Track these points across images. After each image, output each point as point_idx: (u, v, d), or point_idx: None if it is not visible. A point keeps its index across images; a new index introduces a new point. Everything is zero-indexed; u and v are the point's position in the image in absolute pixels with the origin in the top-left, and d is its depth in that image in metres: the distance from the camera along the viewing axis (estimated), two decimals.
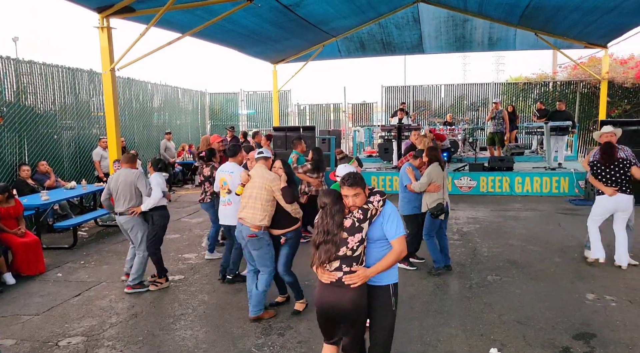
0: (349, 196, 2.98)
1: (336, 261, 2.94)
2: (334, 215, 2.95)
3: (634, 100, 16.45)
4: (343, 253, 2.93)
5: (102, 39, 8.44)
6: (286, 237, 4.78)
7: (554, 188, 10.73)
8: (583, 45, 13.32)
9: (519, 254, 6.62)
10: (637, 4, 8.93)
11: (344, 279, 2.92)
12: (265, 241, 4.69)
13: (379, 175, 11.83)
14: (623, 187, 5.88)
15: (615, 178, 5.89)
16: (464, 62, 77.91)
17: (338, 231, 2.92)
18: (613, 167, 5.90)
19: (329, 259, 2.92)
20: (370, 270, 2.96)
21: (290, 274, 4.87)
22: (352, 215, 2.98)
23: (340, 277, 2.93)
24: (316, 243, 2.97)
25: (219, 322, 4.79)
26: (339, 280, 2.93)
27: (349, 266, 2.93)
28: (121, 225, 5.68)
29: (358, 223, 2.95)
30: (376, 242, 3.04)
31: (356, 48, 15.57)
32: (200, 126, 18.23)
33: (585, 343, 4.10)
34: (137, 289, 5.62)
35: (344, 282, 2.92)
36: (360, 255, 2.96)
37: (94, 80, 11.18)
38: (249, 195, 4.69)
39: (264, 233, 4.67)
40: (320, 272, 2.98)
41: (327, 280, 2.96)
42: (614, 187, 5.89)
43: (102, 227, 9.03)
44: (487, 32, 13.93)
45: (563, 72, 19.81)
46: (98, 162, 10.35)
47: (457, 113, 18.25)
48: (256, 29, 11.12)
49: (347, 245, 2.93)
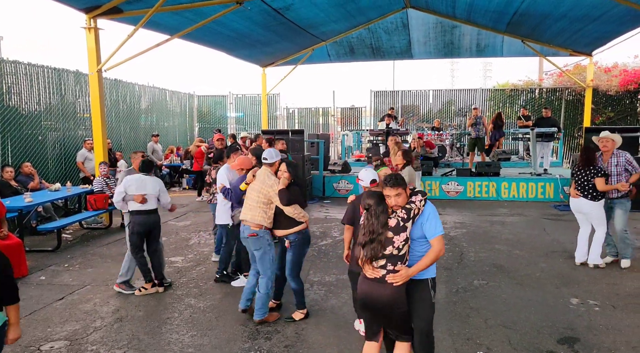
0: (391, 196, 3.11)
1: (382, 259, 3.08)
2: (379, 215, 3.09)
3: (618, 108, 16.71)
4: (389, 252, 3.07)
5: (89, 39, 8.37)
6: (289, 240, 4.70)
7: (540, 194, 10.85)
8: (568, 53, 13.52)
9: (505, 259, 6.68)
10: (621, 14, 9.09)
11: (387, 278, 3.07)
12: (266, 241, 4.67)
13: None
14: (585, 192, 6.06)
15: (581, 182, 6.08)
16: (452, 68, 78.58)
17: (383, 230, 3.07)
18: (585, 171, 6.08)
19: (375, 257, 3.08)
20: (412, 269, 3.12)
21: (296, 280, 4.77)
22: (396, 214, 3.11)
23: (384, 274, 3.09)
24: (362, 242, 3.10)
25: (205, 325, 4.75)
26: (382, 277, 3.09)
27: (393, 265, 3.08)
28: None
29: (402, 223, 3.09)
30: (416, 240, 3.19)
31: (345, 52, 15.63)
32: (188, 128, 18.15)
33: (569, 347, 4.14)
34: (121, 289, 5.63)
35: (386, 280, 3.07)
36: (405, 254, 3.12)
37: (80, 81, 11.07)
38: (248, 197, 4.75)
39: (264, 232, 4.66)
40: (367, 267, 3.13)
41: (372, 275, 3.11)
42: (578, 190, 6.11)
43: (87, 230, 8.92)
44: (475, 38, 14.08)
45: (549, 79, 20.07)
46: (82, 163, 10.21)
47: (444, 118, 18.37)
48: (245, 31, 11.11)
49: (393, 244, 3.07)
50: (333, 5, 10.57)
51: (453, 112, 18.87)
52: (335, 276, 6.05)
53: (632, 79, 15.58)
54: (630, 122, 16.37)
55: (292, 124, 20.06)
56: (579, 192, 6.12)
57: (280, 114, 19.89)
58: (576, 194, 6.15)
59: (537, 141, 12.06)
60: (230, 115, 19.91)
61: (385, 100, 19.31)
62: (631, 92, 16.12)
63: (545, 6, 9.66)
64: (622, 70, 16.30)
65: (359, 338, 4.38)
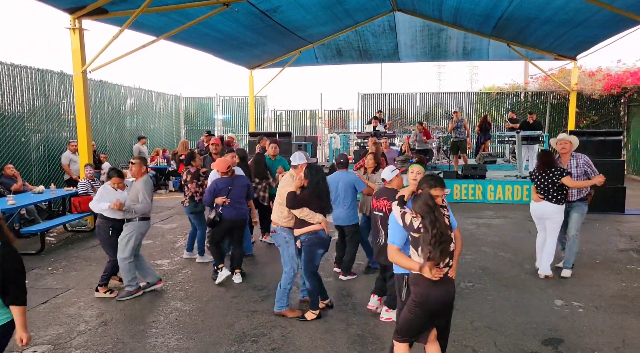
0: (439, 196, 3.25)
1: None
2: (442, 216, 3.19)
3: (602, 112, 16.98)
4: (452, 249, 3.20)
5: (73, 40, 8.28)
6: (300, 240, 4.81)
7: (525, 197, 10.94)
8: (553, 57, 13.69)
9: (491, 261, 6.72)
10: (605, 18, 9.22)
11: (450, 273, 3.20)
12: (283, 238, 4.92)
13: None
14: (549, 196, 5.87)
15: (545, 185, 5.88)
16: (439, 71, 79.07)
17: (449, 230, 3.20)
18: (545, 174, 5.88)
19: (451, 257, 3.19)
20: (455, 262, 3.28)
21: (310, 280, 4.85)
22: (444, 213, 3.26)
23: (446, 271, 3.18)
24: (435, 245, 3.08)
25: (191, 329, 4.71)
26: (445, 274, 3.17)
27: (451, 260, 3.21)
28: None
29: (450, 220, 3.28)
30: None
31: (333, 55, 15.66)
32: (174, 130, 18.03)
33: (554, 348, 4.18)
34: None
35: (449, 277, 3.20)
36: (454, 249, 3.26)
37: (64, 82, 10.94)
38: (276, 198, 5.07)
39: (281, 230, 4.92)
40: (435, 271, 3.12)
41: (438, 277, 3.13)
42: (540, 194, 5.95)
43: (72, 233, 8.81)
44: (462, 42, 14.20)
45: (534, 82, 20.33)
46: (67, 165, 10.08)
47: (431, 121, 18.49)
48: (233, 33, 11.08)
49: (453, 241, 3.21)
50: (320, 7, 10.59)
51: (440, 115, 19.01)
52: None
53: (616, 83, 15.84)
54: (613, 125, 16.64)
55: (280, 126, 20.04)
56: (541, 196, 5.95)
57: (267, 116, 19.87)
58: (539, 198, 5.96)
59: (523, 144, 12.19)
60: (217, 118, 19.83)
61: (372, 103, 19.38)
62: (614, 96, 16.39)
63: (530, 10, 9.77)
64: (606, 74, 16.57)
65: (346, 341, 4.38)
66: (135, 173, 5.58)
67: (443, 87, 71.41)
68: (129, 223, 5.50)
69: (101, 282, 5.63)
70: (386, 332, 4.52)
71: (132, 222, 5.48)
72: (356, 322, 4.79)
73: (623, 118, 16.57)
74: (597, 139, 10.00)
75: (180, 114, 18.92)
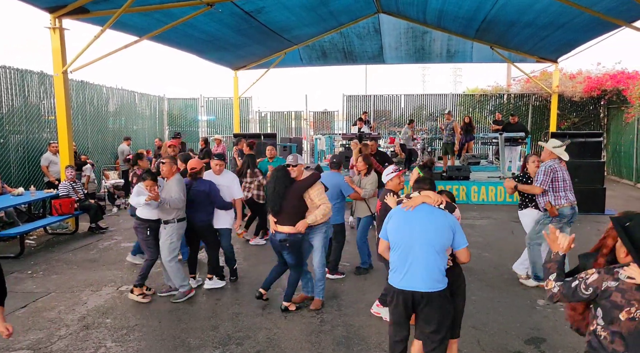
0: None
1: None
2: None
3: (582, 114, 17.26)
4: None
5: (54, 40, 8.16)
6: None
7: (508, 198, 11.05)
8: (535, 59, 13.88)
9: (475, 261, 6.77)
10: (585, 22, 9.38)
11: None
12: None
13: None
14: (521, 203, 6.07)
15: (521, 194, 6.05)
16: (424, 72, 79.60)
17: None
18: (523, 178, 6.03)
19: None
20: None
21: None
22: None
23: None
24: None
25: (175, 332, 4.66)
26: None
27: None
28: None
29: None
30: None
31: (318, 56, 15.66)
32: (158, 132, 17.83)
33: (536, 347, 4.23)
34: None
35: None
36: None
37: (44, 82, 10.75)
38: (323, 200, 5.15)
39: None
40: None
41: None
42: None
43: (52, 235, 8.66)
44: (446, 44, 14.32)
45: (517, 85, 20.58)
46: (46, 167, 9.88)
47: (416, 123, 18.57)
48: (217, 34, 11.01)
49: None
50: (305, 9, 10.58)
51: (424, 116, 19.13)
52: None
53: (596, 86, 16.11)
54: (593, 127, 16.92)
55: (265, 127, 19.97)
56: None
57: (252, 118, 19.79)
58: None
59: (506, 145, 12.32)
60: (201, 119, 19.68)
61: (357, 105, 19.42)
62: (594, 98, 16.67)
63: (512, 13, 9.90)
64: (586, 77, 16.83)
65: (331, 343, 4.37)
66: (167, 173, 5.44)
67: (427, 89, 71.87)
68: (167, 225, 5.38)
69: (137, 282, 5.50)
70: (372, 334, 4.53)
71: (171, 224, 5.37)
72: (341, 324, 4.79)
73: (603, 120, 16.86)
74: (578, 141, 10.15)
75: (163, 115, 18.73)
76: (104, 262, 7.03)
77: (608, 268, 2.31)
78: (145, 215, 5.47)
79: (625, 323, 2.22)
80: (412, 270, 3.16)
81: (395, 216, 3.33)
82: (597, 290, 2.27)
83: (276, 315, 5.02)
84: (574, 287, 2.34)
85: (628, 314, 2.21)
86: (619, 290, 2.21)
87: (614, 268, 2.30)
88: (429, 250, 3.15)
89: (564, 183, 5.57)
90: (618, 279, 2.23)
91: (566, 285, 2.38)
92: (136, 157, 6.93)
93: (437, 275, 3.17)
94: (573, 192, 5.68)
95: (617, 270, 2.27)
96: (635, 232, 2.23)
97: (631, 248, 2.21)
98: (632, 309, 2.21)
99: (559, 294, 2.40)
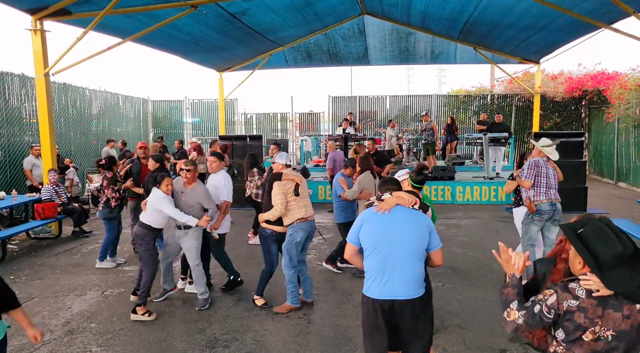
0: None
1: None
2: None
3: (564, 114, 17.52)
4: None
5: (35, 42, 8.05)
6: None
7: (492, 197, 11.18)
8: (518, 60, 14.07)
9: (460, 261, 6.84)
10: (566, 23, 9.53)
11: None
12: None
13: (325, 184, 11.90)
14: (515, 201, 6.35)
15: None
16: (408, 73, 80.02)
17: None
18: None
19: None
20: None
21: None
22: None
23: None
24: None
25: (161, 335, 4.62)
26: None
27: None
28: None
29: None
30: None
31: (303, 58, 15.68)
32: (142, 134, 17.67)
33: (520, 345, 4.28)
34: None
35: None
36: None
37: (26, 85, 10.59)
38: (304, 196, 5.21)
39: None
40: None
41: None
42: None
43: (35, 240, 8.53)
44: (430, 45, 14.43)
45: (500, 85, 20.83)
46: (29, 170, 9.74)
47: (401, 123, 18.70)
48: (201, 36, 10.96)
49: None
50: (290, 10, 10.58)
51: (409, 117, 19.25)
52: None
53: (577, 86, 16.37)
54: (575, 127, 17.19)
55: (250, 129, 19.92)
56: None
57: (238, 120, 19.71)
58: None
59: (490, 146, 12.45)
60: (186, 121, 19.56)
61: (343, 106, 19.47)
62: (576, 98, 16.94)
63: (495, 15, 10.02)
64: (568, 77, 17.10)
65: (319, 344, 4.38)
66: (191, 179, 5.23)
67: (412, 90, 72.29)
68: (189, 231, 5.15)
69: (140, 300, 5.08)
70: (359, 334, 4.54)
71: (194, 228, 5.15)
72: (329, 325, 4.80)
73: (584, 120, 17.14)
74: (560, 140, 10.29)
75: (148, 117, 18.57)
76: (88, 266, 6.95)
77: (563, 286, 2.11)
78: (159, 224, 5.16)
79: (590, 344, 2.05)
80: (393, 277, 2.95)
81: (369, 220, 3.07)
82: (558, 312, 2.08)
83: (263, 317, 5.01)
84: (537, 313, 2.11)
85: (593, 335, 2.04)
86: (581, 310, 2.03)
87: (568, 283, 2.11)
88: (410, 254, 2.97)
89: (546, 179, 5.63)
90: (578, 297, 2.05)
91: (529, 313, 2.13)
92: (110, 162, 6.84)
93: (418, 280, 3.01)
94: (556, 191, 5.73)
95: (573, 287, 2.08)
96: (589, 238, 2.06)
97: (587, 256, 2.04)
98: (597, 328, 2.03)
99: (524, 325, 2.15)
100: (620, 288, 2.00)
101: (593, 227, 2.07)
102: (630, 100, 12.33)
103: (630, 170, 13.16)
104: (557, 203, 5.66)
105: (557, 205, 5.64)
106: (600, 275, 2.01)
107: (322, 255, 7.10)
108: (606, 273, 1.99)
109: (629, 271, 1.99)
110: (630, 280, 1.99)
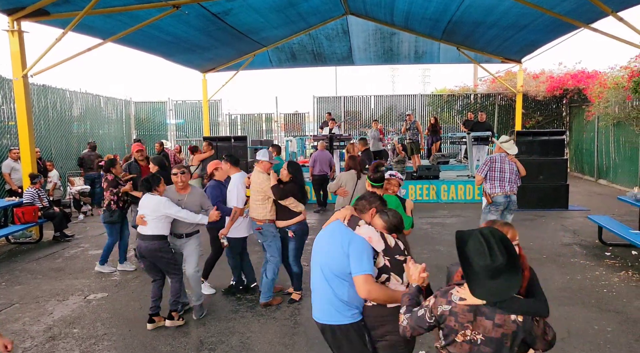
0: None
1: None
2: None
3: (546, 112, 17.75)
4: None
5: (12, 43, 7.91)
6: (292, 230, 5.22)
7: (477, 196, 11.27)
8: (500, 60, 14.21)
9: (446, 259, 6.86)
10: (546, 23, 9.65)
11: None
12: (271, 233, 5.21)
13: (309, 184, 11.88)
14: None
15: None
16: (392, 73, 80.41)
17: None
18: None
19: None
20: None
21: (298, 265, 5.38)
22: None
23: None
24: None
25: (145, 340, 4.56)
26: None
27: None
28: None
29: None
30: None
31: (287, 58, 15.65)
32: (125, 136, 17.46)
33: None
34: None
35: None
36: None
37: (4, 86, 10.39)
38: (251, 197, 5.27)
39: (268, 225, 5.18)
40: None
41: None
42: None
43: (15, 245, 8.36)
44: (413, 45, 14.52)
45: (483, 85, 21.04)
46: (8, 174, 9.54)
47: (385, 123, 18.77)
48: (184, 36, 10.86)
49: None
50: (273, 10, 10.54)
51: (394, 117, 19.34)
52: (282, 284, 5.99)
53: (558, 85, 16.60)
54: (557, 125, 17.43)
55: (235, 130, 19.83)
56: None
57: (222, 120, 19.61)
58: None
59: (474, 145, 12.56)
60: (170, 122, 19.38)
61: (328, 106, 19.48)
62: (557, 97, 17.18)
63: (477, 15, 10.10)
64: (549, 76, 17.33)
65: (305, 344, 4.36)
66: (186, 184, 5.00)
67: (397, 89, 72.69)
68: (191, 237, 5.02)
69: (173, 306, 4.89)
70: None
71: (195, 235, 5.05)
72: (315, 326, 4.76)
73: (565, 118, 17.39)
74: (542, 139, 10.44)
75: (130, 118, 18.36)
76: (70, 270, 6.83)
77: (444, 291, 2.22)
78: (166, 229, 4.88)
79: (463, 346, 2.16)
80: (315, 298, 2.85)
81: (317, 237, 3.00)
82: (433, 315, 2.19)
83: (249, 318, 4.98)
84: (420, 317, 2.25)
85: (464, 337, 2.14)
86: (452, 314, 2.14)
87: (450, 289, 2.21)
88: (325, 275, 2.74)
89: (500, 173, 6.11)
90: (450, 302, 2.16)
91: (413, 316, 2.28)
92: (109, 164, 6.66)
93: (336, 304, 2.71)
94: (513, 184, 6.13)
95: (451, 292, 2.19)
96: (469, 248, 2.12)
97: (463, 265, 2.13)
98: (467, 332, 2.13)
99: (408, 327, 2.30)
100: (487, 298, 2.08)
101: (474, 238, 2.13)
102: (609, 98, 12.53)
103: (610, 167, 13.37)
104: (512, 195, 6.15)
105: (511, 197, 6.14)
106: (469, 284, 2.09)
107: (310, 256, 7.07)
108: (479, 283, 2.06)
109: (505, 282, 2.05)
110: (500, 291, 2.05)
